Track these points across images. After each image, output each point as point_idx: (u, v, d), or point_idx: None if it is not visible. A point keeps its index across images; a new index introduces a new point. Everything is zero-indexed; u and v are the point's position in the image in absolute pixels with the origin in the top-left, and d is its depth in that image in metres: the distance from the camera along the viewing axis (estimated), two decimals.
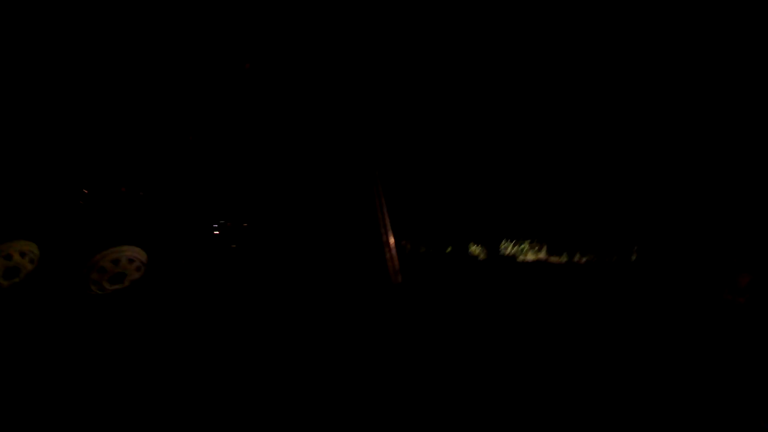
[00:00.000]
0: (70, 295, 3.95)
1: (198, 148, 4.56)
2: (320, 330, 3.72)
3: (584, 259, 4.17)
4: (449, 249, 4.19)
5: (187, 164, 4.48)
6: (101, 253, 4.08)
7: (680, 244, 4.21)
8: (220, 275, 4.18)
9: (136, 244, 4.09)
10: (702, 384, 2.75)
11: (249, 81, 4.51)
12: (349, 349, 3.41)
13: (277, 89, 4.52)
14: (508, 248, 4.11)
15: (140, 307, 4.00)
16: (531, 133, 4.07)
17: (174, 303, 4.00)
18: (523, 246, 4.14)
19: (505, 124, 4.10)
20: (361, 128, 4.30)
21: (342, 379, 2.86)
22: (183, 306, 3.99)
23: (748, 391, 2.64)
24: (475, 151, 4.19)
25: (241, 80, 4.51)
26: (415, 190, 4.26)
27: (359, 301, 4.09)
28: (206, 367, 3.08)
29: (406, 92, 4.29)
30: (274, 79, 4.50)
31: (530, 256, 4.09)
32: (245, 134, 4.58)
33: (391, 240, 4.21)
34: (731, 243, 4.18)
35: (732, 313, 3.72)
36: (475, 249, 4.05)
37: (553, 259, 4.18)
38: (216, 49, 4.41)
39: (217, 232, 4.34)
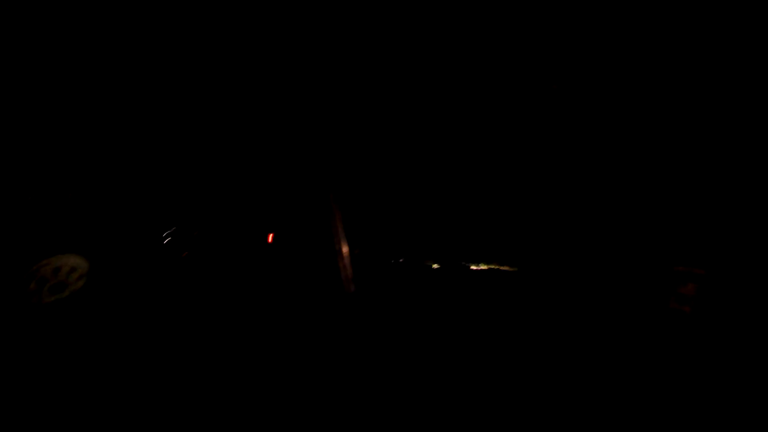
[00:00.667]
0: (8, 305, 3.79)
1: (152, 154, 4.45)
2: (273, 340, 3.65)
3: (533, 268, 4.19)
4: (402, 258, 4.17)
5: (138, 171, 4.37)
6: (41, 262, 3.93)
7: (626, 255, 4.26)
8: (168, 285, 4.06)
9: (78, 253, 3.96)
10: (647, 393, 2.76)
11: (208, 92, 4.43)
12: (302, 358, 3.35)
13: (233, 101, 4.45)
14: (461, 258, 4.11)
15: (81, 319, 3.86)
16: (478, 146, 4.09)
17: (118, 314, 3.87)
18: (476, 255, 4.14)
19: (454, 138, 4.11)
20: (316, 138, 4.26)
21: (294, 388, 2.80)
22: (127, 318, 3.87)
23: (690, 399, 2.66)
24: (427, 162, 4.19)
25: (199, 90, 4.42)
26: (369, 200, 4.23)
27: (312, 310, 4.03)
28: (152, 380, 2.98)
29: (361, 105, 4.27)
30: (233, 92, 4.43)
31: (482, 266, 4.10)
32: (202, 142, 4.49)
33: (345, 249, 4.17)
34: (676, 253, 4.24)
35: (677, 322, 3.77)
36: (428, 258, 4.04)
37: (505, 267, 4.20)
38: (171, 58, 4.32)
39: (168, 240, 4.23)
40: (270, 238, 4.28)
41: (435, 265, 4.09)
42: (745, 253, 3.80)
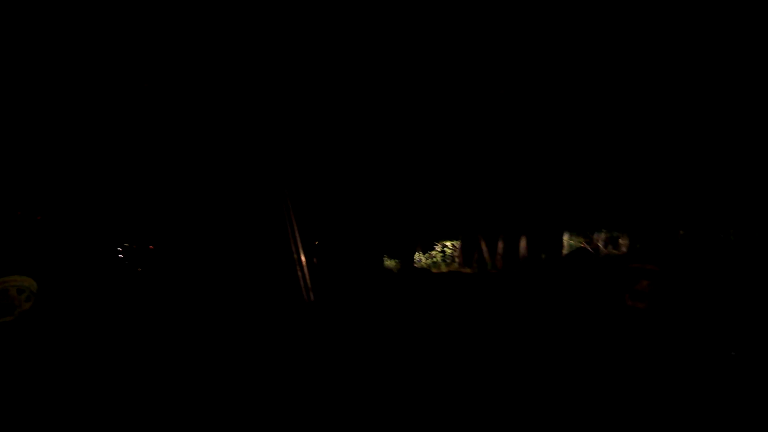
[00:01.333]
0: None
1: (100, 166, 4.33)
2: (232, 354, 3.61)
3: (492, 269, 4.20)
4: (363, 264, 4.13)
5: (88, 185, 4.25)
6: None
7: (584, 253, 4.30)
8: (122, 302, 3.97)
9: (25, 273, 3.84)
10: (605, 389, 2.78)
11: (154, 100, 4.32)
12: (261, 373, 3.32)
13: (183, 108, 4.35)
14: (421, 261, 4.09)
15: (31, 341, 3.76)
16: (432, 152, 4.07)
17: (68, 335, 3.78)
18: (435, 258, 4.13)
19: (412, 144, 4.08)
20: (268, 145, 4.19)
21: (254, 404, 2.76)
22: (78, 338, 3.78)
23: (647, 394, 2.68)
24: (384, 168, 4.15)
25: (146, 99, 4.31)
26: (325, 207, 4.18)
27: (272, 322, 3.98)
28: (106, 399, 2.92)
29: (316, 106, 4.21)
30: (181, 99, 4.32)
31: (443, 268, 4.09)
32: (153, 153, 4.39)
33: (303, 258, 4.12)
34: (631, 250, 4.31)
35: (633, 317, 3.81)
36: (389, 263, 4.02)
37: (465, 270, 4.20)
38: (119, 70, 4.20)
39: (121, 256, 4.13)
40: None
41: (395, 269, 4.07)
42: (695, 249, 3.86)
